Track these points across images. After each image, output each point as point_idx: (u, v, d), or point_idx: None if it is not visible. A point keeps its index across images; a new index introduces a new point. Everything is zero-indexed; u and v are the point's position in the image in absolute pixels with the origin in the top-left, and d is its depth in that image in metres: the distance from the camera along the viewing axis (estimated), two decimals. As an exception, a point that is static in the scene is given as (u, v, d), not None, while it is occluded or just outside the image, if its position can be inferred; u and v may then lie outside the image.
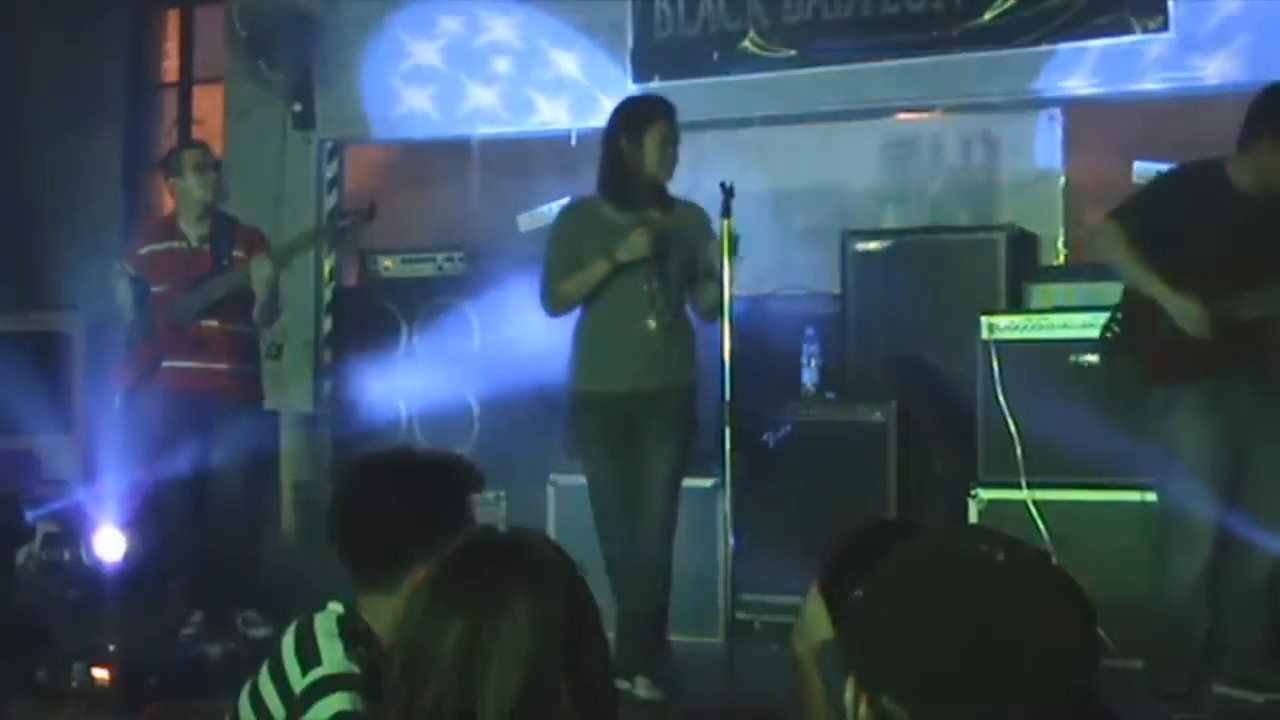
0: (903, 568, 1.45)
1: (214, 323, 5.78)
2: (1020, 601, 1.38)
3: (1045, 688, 1.35)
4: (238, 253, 5.86)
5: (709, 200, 4.92)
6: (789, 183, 6.79)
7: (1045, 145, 6.40)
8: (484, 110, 7.33)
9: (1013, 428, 5.37)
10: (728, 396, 4.79)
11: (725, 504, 4.92)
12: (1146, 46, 6.09)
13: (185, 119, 8.41)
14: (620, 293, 4.96)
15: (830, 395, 6.04)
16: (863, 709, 1.43)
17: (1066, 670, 1.37)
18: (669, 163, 5.01)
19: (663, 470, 4.98)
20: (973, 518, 5.34)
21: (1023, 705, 1.35)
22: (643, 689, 4.84)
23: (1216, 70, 6.00)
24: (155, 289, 5.82)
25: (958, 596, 1.39)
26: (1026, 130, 6.42)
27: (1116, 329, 4.79)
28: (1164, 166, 5.24)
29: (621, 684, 4.54)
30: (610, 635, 1.98)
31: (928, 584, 1.41)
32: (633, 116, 5.08)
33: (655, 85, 6.89)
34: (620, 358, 4.98)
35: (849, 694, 1.45)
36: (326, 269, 7.65)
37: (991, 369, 5.45)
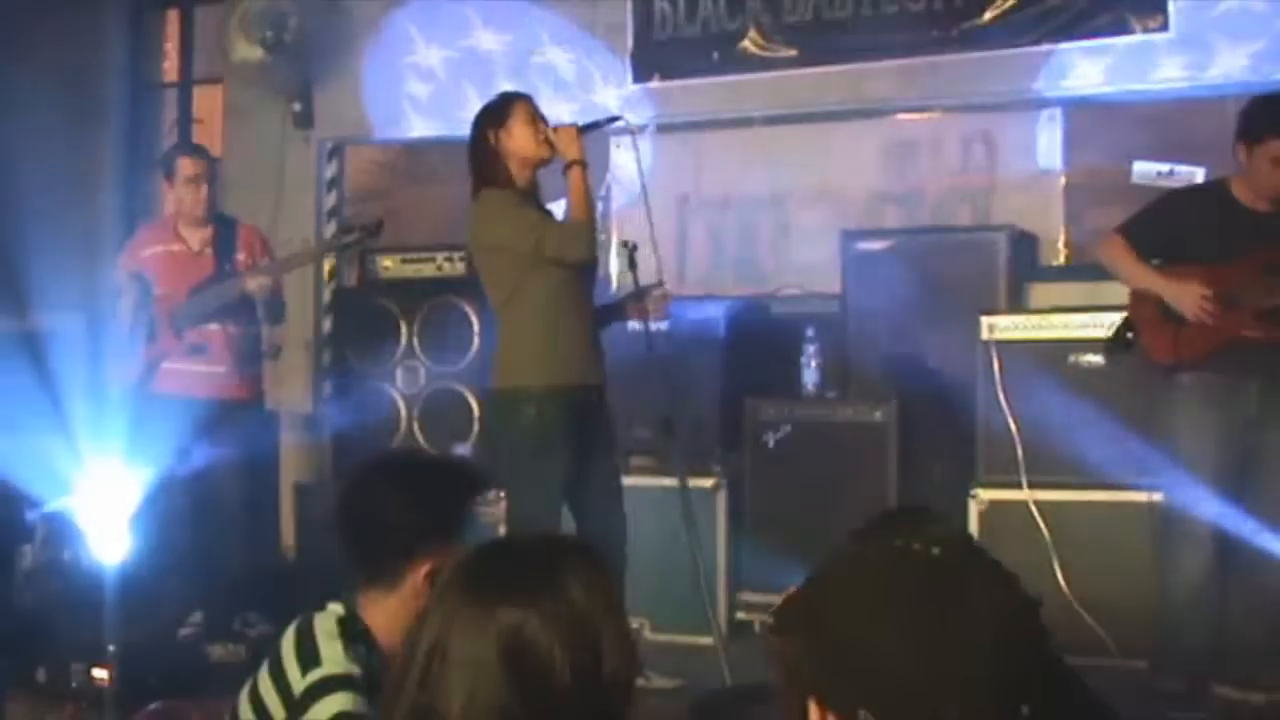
0: (843, 583, 1.43)
1: (214, 326, 5.78)
2: (967, 597, 1.37)
3: (1008, 679, 1.35)
4: (240, 255, 5.87)
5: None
6: (789, 183, 6.78)
7: (1045, 145, 6.39)
8: (484, 110, 7.32)
9: (1013, 428, 5.37)
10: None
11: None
12: (1146, 46, 6.09)
13: (185, 119, 8.40)
14: (574, 288, 4.87)
15: (830, 395, 6.04)
16: None
17: (1025, 658, 1.37)
18: (543, 141, 4.87)
19: (613, 457, 4.98)
20: (973, 518, 5.34)
21: (993, 698, 1.34)
22: (657, 680, 4.83)
23: (1216, 70, 6.01)
24: (156, 291, 5.84)
25: (906, 602, 1.37)
26: (1026, 130, 6.42)
27: (1122, 328, 4.83)
28: (1164, 166, 5.26)
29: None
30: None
31: (874, 596, 1.39)
32: (490, 112, 4.97)
33: (655, 85, 6.89)
34: (579, 350, 4.88)
35: (812, 714, 1.42)
36: (326, 269, 7.64)
37: (991, 369, 5.45)
